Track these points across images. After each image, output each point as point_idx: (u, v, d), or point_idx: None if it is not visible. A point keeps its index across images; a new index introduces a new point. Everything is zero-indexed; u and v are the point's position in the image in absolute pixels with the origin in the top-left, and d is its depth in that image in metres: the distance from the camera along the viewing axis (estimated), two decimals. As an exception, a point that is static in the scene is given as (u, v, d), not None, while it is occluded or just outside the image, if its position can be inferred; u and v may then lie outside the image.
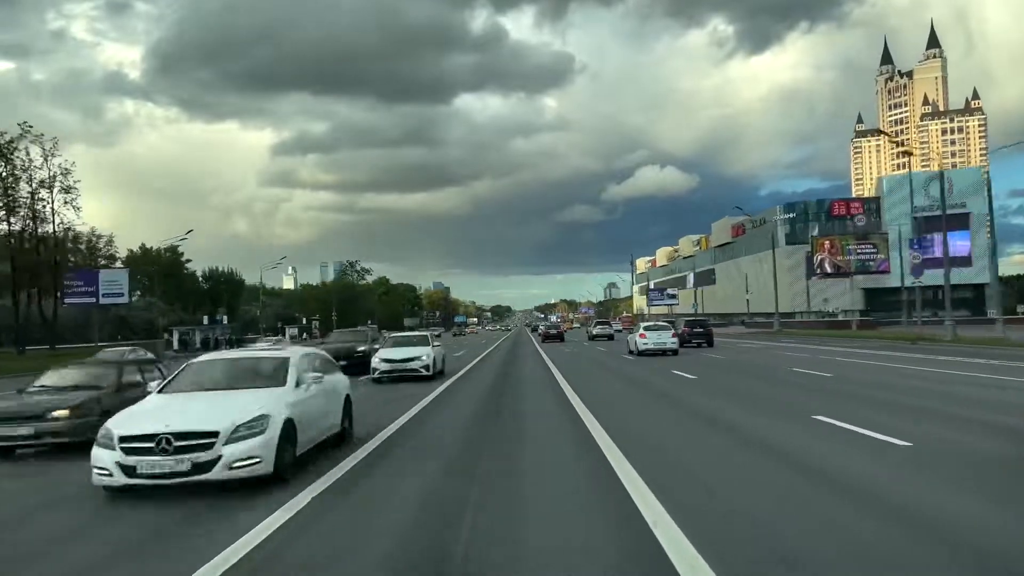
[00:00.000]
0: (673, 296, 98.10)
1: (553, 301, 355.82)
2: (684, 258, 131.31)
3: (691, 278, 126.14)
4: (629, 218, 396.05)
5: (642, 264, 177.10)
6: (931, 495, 6.28)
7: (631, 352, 30.07)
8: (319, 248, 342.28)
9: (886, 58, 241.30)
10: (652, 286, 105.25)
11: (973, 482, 6.72)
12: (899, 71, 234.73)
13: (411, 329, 73.99)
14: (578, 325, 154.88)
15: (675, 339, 28.80)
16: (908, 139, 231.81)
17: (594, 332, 53.86)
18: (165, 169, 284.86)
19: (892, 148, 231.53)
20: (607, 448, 8.79)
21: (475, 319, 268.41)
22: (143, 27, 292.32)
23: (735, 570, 4.53)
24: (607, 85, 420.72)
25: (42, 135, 50.15)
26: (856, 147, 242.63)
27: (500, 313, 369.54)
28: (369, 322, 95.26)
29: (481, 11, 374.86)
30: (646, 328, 30.26)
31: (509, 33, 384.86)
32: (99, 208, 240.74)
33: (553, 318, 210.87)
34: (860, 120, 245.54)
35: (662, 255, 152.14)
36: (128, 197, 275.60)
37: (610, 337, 51.76)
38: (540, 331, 64.86)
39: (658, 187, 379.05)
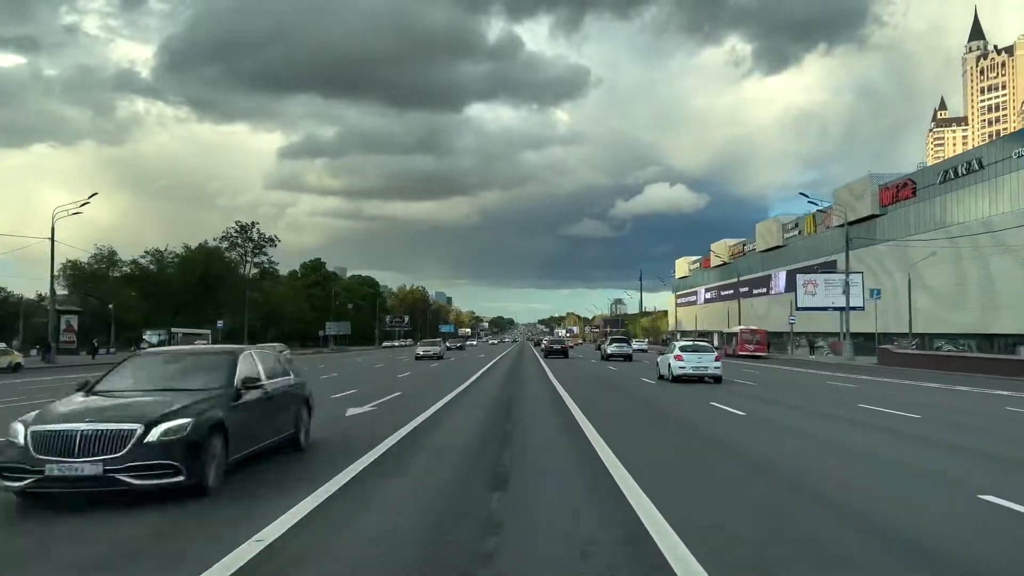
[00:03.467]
0: (847, 289, 53.60)
1: (557, 315, 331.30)
2: (764, 251, 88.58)
3: (781, 278, 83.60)
4: (636, 235, 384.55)
5: (682, 266, 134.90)
6: None
7: (661, 376, 25.01)
8: (323, 254, 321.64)
9: (976, 33, 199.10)
10: (849, 269, 57.26)
11: None
12: (995, 47, 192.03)
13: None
14: (581, 341, 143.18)
15: (719, 363, 23.86)
16: (1006, 128, 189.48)
17: (609, 351, 45.71)
18: (173, 169, 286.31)
19: (983, 138, 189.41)
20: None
21: (468, 330, 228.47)
22: (156, 24, 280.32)
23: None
24: (621, 100, 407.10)
25: None
26: (937, 138, 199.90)
27: (502, 325, 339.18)
28: (220, 324, 52.57)
29: (497, 20, 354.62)
30: (682, 348, 24.64)
31: (525, 44, 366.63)
32: (108, 206, 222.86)
33: (561, 332, 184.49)
34: (943, 106, 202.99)
35: (721, 250, 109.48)
36: (137, 196, 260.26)
37: (628, 357, 44.49)
38: (543, 345, 63.16)
39: (667, 205, 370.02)
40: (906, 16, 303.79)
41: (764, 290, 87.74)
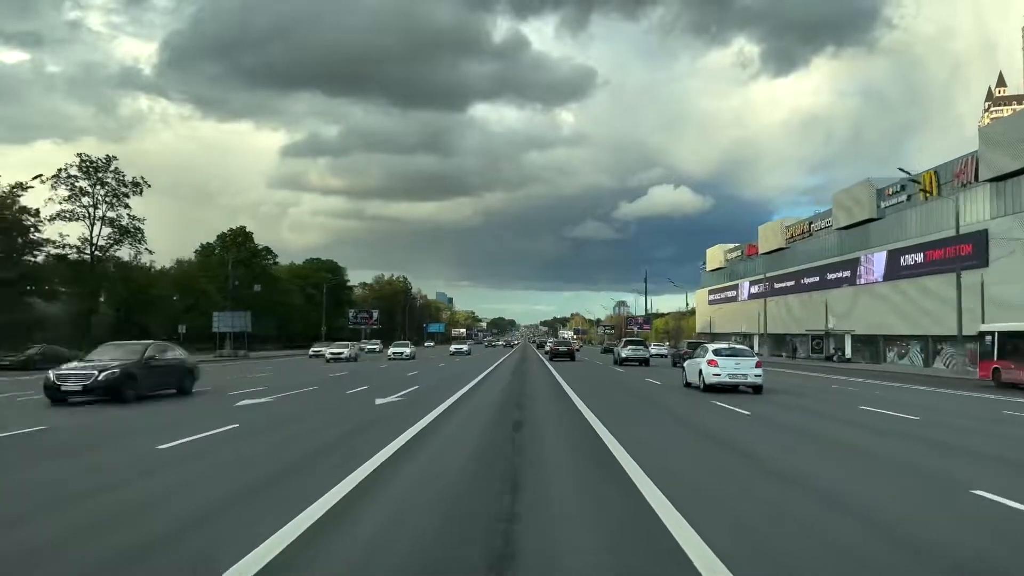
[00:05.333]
0: None
1: (560, 316, 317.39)
2: (845, 228, 65.96)
3: (877, 261, 60.82)
4: (639, 238, 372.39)
5: (716, 256, 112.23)
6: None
7: (687, 384, 22.56)
8: (325, 254, 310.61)
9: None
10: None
11: None
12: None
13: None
14: (583, 344, 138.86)
15: (759, 370, 20.65)
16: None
17: (624, 354, 42.63)
18: (176, 166, 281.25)
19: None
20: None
21: (463, 330, 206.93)
22: (159, 21, 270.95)
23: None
24: (626, 101, 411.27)
25: None
26: (994, 119, 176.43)
27: (502, 327, 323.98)
28: None
29: (503, 19, 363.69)
30: (716, 352, 21.33)
31: (531, 43, 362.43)
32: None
33: (568, 334, 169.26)
34: (1001, 82, 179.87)
35: (770, 233, 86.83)
36: (143, 193, 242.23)
37: (643, 362, 41.77)
38: (548, 348, 61.11)
39: (671, 207, 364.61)
40: (916, 19, 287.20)
41: (846, 275, 65.06)
